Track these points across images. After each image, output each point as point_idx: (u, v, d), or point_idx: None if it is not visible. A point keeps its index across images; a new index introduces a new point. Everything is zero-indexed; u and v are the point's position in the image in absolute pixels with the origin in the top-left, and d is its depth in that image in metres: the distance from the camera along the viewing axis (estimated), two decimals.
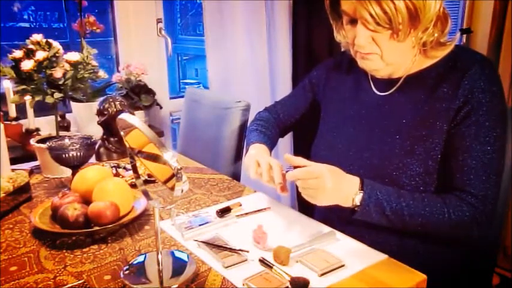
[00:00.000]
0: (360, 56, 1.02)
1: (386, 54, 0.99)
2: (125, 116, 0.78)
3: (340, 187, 0.94)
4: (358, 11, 0.94)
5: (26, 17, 2.46)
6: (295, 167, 0.96)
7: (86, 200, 1.08)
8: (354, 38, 0.99)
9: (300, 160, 0.97)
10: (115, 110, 1.48)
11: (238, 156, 1.69)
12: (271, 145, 1.25)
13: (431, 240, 1.02)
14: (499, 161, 0.96)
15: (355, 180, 0.96)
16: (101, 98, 1.54)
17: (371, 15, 0.92)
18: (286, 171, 0.98)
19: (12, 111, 1.67)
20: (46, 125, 1.82)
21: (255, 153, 1.14)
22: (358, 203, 0.95)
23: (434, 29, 0.97)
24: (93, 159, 1.44)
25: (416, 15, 0.92)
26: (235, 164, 1.69)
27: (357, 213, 0.96)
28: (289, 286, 0.82)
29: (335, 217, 1.08)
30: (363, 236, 0.99)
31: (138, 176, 0.88)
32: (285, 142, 2.37)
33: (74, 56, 1.40)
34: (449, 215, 0.94)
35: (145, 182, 1.32)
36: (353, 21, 0.99)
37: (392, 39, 0.96)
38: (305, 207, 1.11)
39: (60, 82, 1.38)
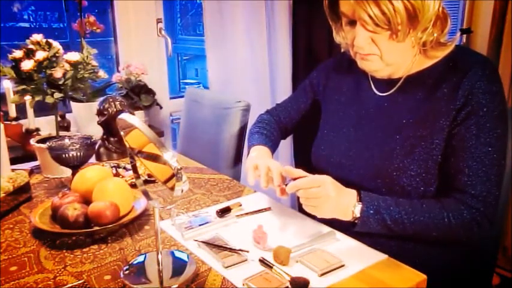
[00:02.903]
0: (359, 57, 1.02)
1: (386, 55, 0.99)
2: (125, 116, 0.78)
3: (339, 199, 0.94)
4: (357, 12, 0.93)
5: (26, 17, 2.46)
6: (294, 179, 0.96)
7: (86, 200, 1.08)
8: (353, 39, 0.99)
9: (299, 172, 0.97)
10: (115, 110, 1.48)
11: (238, 156, 1.69)
12: (273, 147, 1.24)
13: (431, 241, 1.02)
14: (500, 162, 0.96)
15: (353, 192, 0.96)
16: (101, 98, 1.54)
17: (370, 16, 0.92)
18: (286, 184, 0.98)
19: (12, 111, 1.67)
20: (46, 125, 1.82)
21: (256, 155, 1.14)
22: (358, 214, 0.94)
23: (434, 28, 0.97)
24: (93, 159, 1.44)
25: (415, 15, 0.92)
26: (235, 164, 1.69)
27: (357, 225, 0.96)
28: (289, 286, 0.82)
29: (335, 219, 1.08)
30: (364, 238, 0.99)
31: (138, 176, 0.88)
32: (286, 143, 2.37)
33: (74, 56, 1.40)
34: (449, 219, 0.94)
35: (145, 182, 1.32)
36: (352, 23, 0.99)
37: (391, 39, 0.96)
38: None
39: (60, 82, 1.38)
